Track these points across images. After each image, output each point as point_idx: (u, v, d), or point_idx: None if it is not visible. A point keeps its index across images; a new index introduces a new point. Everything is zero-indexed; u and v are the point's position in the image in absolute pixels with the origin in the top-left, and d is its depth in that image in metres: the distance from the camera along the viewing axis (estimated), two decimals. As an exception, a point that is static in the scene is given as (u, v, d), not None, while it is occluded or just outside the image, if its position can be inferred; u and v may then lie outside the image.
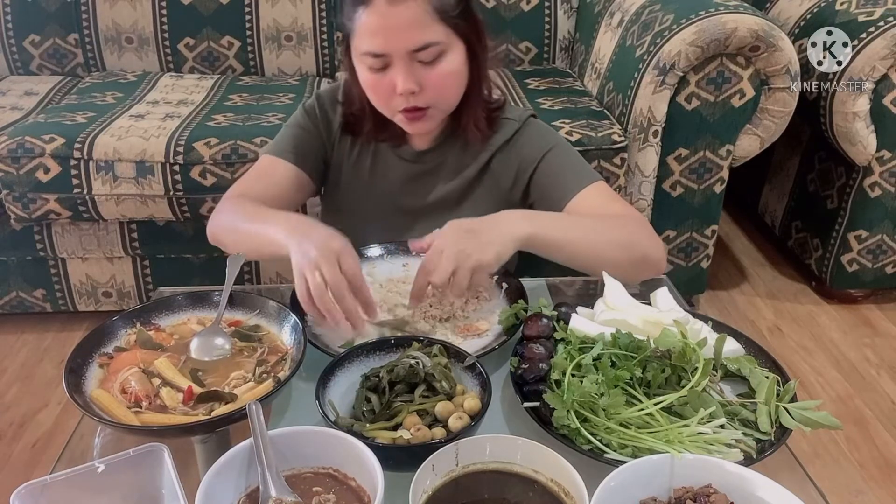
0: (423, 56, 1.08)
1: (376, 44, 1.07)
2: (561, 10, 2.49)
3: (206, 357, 0.92)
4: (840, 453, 1.76)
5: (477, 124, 1.20)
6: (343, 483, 0.73)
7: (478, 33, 1.14)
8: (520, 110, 1.27)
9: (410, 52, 1.07)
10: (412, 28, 1.06)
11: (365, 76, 1.12)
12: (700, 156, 1.96)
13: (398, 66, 1.08)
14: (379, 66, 1.09)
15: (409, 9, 1.04)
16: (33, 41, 2.42)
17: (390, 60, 1.08)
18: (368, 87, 1.14)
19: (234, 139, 1.89)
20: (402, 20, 1.05)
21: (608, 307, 0.95)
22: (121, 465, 0.73)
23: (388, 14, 1.04)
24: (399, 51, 1.07)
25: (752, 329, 2.21)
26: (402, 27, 1.05)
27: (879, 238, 2.17)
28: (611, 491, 0.68)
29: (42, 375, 1.99)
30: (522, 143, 1.23)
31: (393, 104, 1.13)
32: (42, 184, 1.85)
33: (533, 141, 1.24)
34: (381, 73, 1.10)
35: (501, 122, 1.24)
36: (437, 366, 0.85)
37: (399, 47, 1.07)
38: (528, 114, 1.27)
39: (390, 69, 1.09)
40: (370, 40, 1.07)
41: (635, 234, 1.13)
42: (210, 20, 2.41)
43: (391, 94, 1.11)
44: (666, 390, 0.83)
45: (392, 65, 1.08)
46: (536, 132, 1.25)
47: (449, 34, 1.09)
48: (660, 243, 1.16)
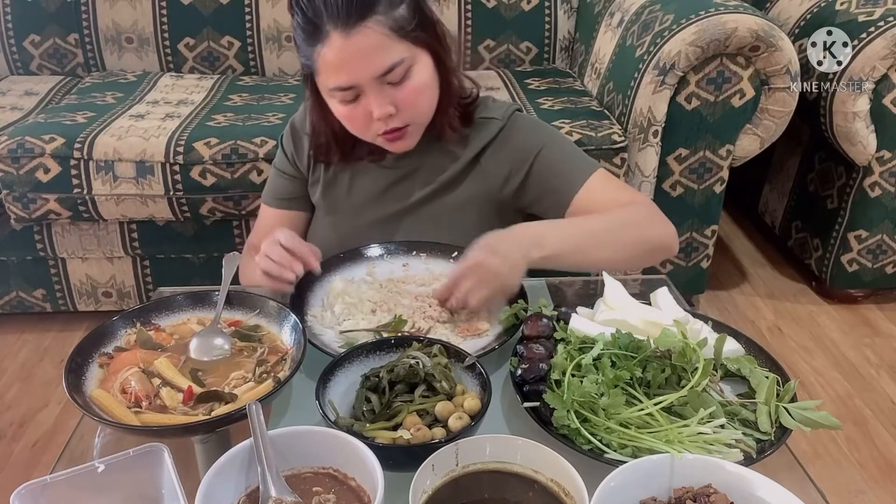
0: (391, 77, 1.06)
1: (342, 78, 1.05)
2: (561, 10, 2.49)
3: (206, 357, 0.92)
4: (840, 453, 1.76)
5: (451, 123, 1.19)
6: (343, 483, 0.73)
7: (438, 37, 1.12)
8: (503, 107, 1.24)
9: (378, 77, 1.05)
10: (374, 54, 1.04)
11: (338, 109, 1.11)
12: (700, 156, 1.96)
13: (370, 94, 1.06)
14: (350, 98, 1.08)
15: (366, 37, 1.02)
16: (33, 41, 2.42)
17: (360, 89, 1.06)
18: (344, 119, 1.12)
19: (234, 139, 1.89)
20: (362, 49, 1.03)
21: (608, 307, 0.95)
22: (121, 465, 0.73)
23: (345, 46, 1.02)
24: (366, 79, 1.05)
25: (752, 329, 2.21)
26: (363, 56, 1.03)
27: (879, 238, 2.17)
28: (611, 491, 0.68)
29: (42, 375, 1.99)
30: (512, 139, 1.22)
31: (371, 130, 1.12)
32: (42, 184, 1.85)
33: (524, 136, 1.21)
34: (354, 104, 1.09)
35: (483, 122, 1.22)
36: (437, 366, 0.85)
37: (365, 76, 1.05)
38: (512, 109, 1.24)
39: (362, 98, 1.07)
40: (335, 76, 1.06)
41: (646, 226, 1.14)
42: (210, 20, 2.41)
43: (368, 122, 1.10)
44: (666, 390, 0.83)
45: (363, 93, 1.07)
46: (526, 127, 1.23)
47: (411, 48, 1.07)
48: (669, 227, 1.16)
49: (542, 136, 1.22)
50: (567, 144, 1.25)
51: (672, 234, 1.16)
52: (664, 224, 1.16)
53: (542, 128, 1.26)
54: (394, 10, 1.04)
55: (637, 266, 1.10)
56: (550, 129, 1.27)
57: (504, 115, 1.22)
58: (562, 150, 1.22)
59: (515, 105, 1.26)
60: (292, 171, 1.29)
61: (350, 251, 1.16)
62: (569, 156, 1.21)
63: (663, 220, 1.16)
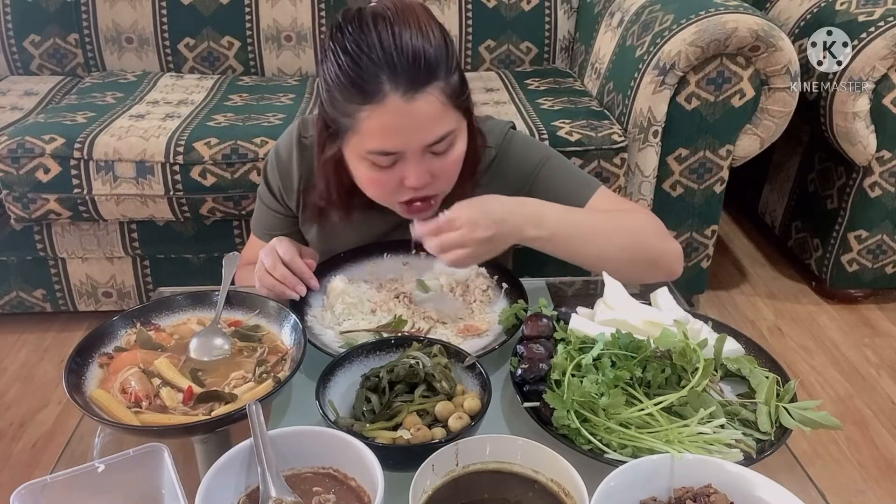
0: (437, 147, 0.99)
1: (390, 143, 0.97)
2: (561, 10, 2.49)
3: (206, 357, 0.92)
4: (840, 453, 1.76)
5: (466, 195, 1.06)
6: (343, 483, 0.73)
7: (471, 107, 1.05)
8: (495, 131, 1.17)
9: (425, 146, 0.98)
10: (431, 122, 0.96)
11: (366, 173, 1.02)
12: (700, 156, 1.96)
13: (410, 162, 0.98)
14: (388, 164, 0.99)
15: (428, 103, 0.94)
16: (33, 41, 2.42)
17: (401, 156, 0.99)
18: (369, 183, 1.04)
19: (234, 139, 1.88)
20: (421, 116, 0.95)
21: (608, 307, 0.95)
22: (121, 465, 0.73)
23: (404, 112, 0.94)
24: (414, 147, 0.97)
25: (752, 329, 2.21)
26: (421, 123, 0.96)
27: (879, 238, 2.17)
28: (611, 491, 0.68)
29: (42, 375, 1.99)
30: (508, 166, 1.16)
31: (396, 196, 1.04)
32: (42, 184, 1.85)
33: (521, 159, 1.16)
34: (387, 170, 1.00)
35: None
36: (437, 366, 0.85)
37: (416, 144, 0.97)
38: (505, 132, 1.18)
39: (398, 164, 0.99)
40: (381, 140, 0.97)
41: (650, 237, 1.10)
42: (210, 20, 2.41)
43: (397, 189, 1.02)
44: (666, 390, 0.83)
45: (402, 160, 0.99)
46: (522, 147, 1.18)
47: (459, 119, 1.01)
48: (674, 246, 1.11)
49: (539, 158, 1.17)
50: (565, 164, 1.19)
51: (676, 253, 1.11)
52: (669, 242, 1.11)
53: (537, 147, 1.21)
54: (450, 77, 0.97)
55: (635, 275, 1.03)
56: (546, 150, 1.21)
57: (498, 142, 1.17)
58: (560, 171, 1.17)
59: (507, 125, 1.19)
60: (281, 209, 1.22)
61: (350, 251, 1.16)
62: (569, 176, 1.17)
63: (669, 238, 1.12)
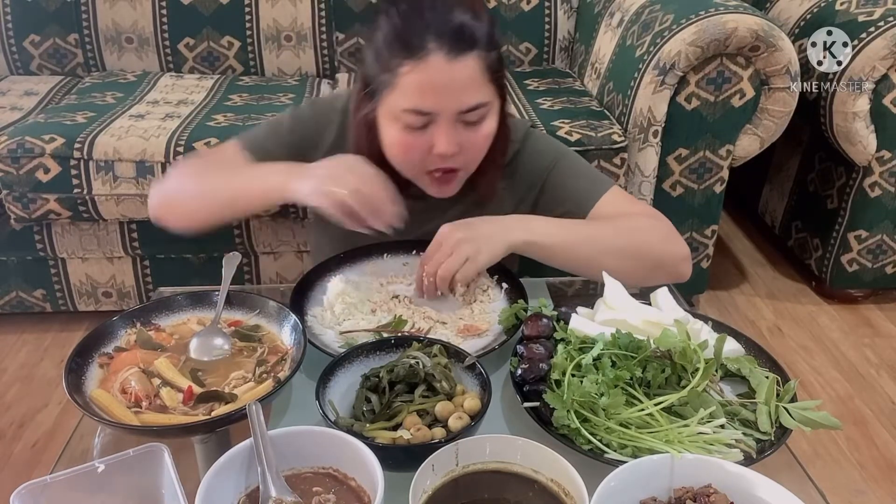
0: (470, 117, 1.01)
1: (426, 102, 0.99)
2: (561, 10, 2.49)
3: (206, 357, 0.92)
4: (840, 453, 1.76)
5: (492, 183, 1.13)
6: (343, 483, 0.73)
7: (506, 93, 1.08)
8: (517, 126, 1.19)
9: (460, 112, 1.00)
10: (468, 87, 0.99)
11: (397, 134, 1.03)
12: (700, 156, 1.96)
13: (441, 127, 1.00)
14: (419, 125, 1.01)
15: (467, 67, 0.97)
16: (33, 41, 2.42)
17: (433, 119, 1.00)
18: (398, 145, 1.05)
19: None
20: (459, 78, 0.98)
21: (608, 307, 0.95)
22: (121, 465, 0.73)
23: (444, 71, 0.97)
24: (449, 111, 0.99)
25: (752, 329, 2.21)
26: (457, 86, 0.98)
27: (879, 238, 2.17)
28: (611, 491, 0.68)
29: (42, 375, 1.99)
30: (526, 162, 1.19)
31: (422, 164, 1.06)
32: (42, 184, 1.85)
33: (537, 155, 1.19)
34: (417, 133, 1.02)
35: None
36: (437, 366, 0.85)
37: (451, 107, 0.99)
38: (526, 127, 1.21)
39: (429, 128, 1.01)
40: (419, 97, 0.99)
41: (654, 240, 1.09)
42: (210, 20, 2.41)
43: (425, 155, 1.04)
44: (666, 390, 0.83)
45: (433, 124, 1.01)
46: (540, 145, 1.20)
47: (493, 95, 1.03)
48: (681, 248, 1.10)
49: (553, 156, 1.19)
50: (579, 163, 1.21)
51: (683, 255, 1.10)
52: (676, 244, 1.11)
53: (554, 146, 1.22)
54: (490, 51, 1.01)
55: (641, 279, 1.04)
56: (563, 148, 1.23)
57: (519, 137, 1.19)
58: (574, 168, 1.19)
59: (528, 123, 1.22)
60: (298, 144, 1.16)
61: (350, 251, 1.16)
62: (582, 173, 1.18)
63: (677, 240, 1.11)
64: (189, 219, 1.10)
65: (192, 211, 1.11)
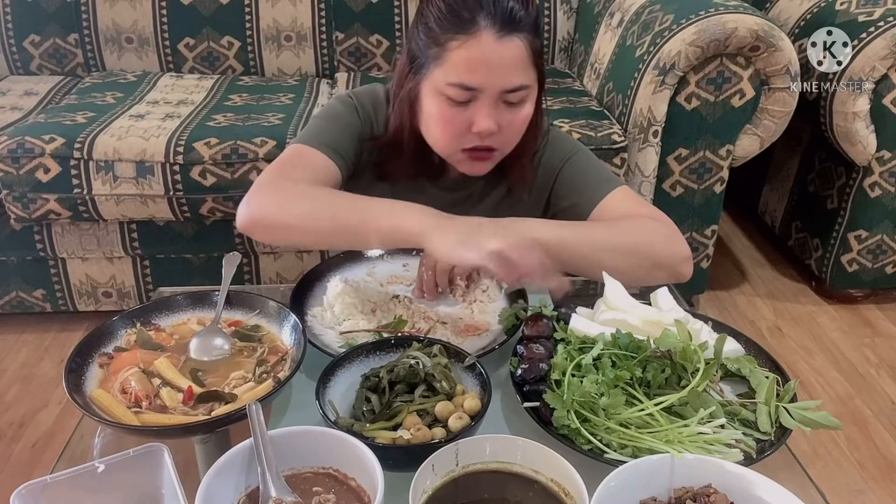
0: (512, 97, 1.04)
1: (474, 77, 1.01)
2: (561, 10, 2.49)
3: (206, 357, 0.92)
4: (840, 453, 1.76)
5: (524, 173, 1.16)
6: (343, 483, 0.73)
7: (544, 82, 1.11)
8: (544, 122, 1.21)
9: (503, 91, 1.02)
10: (514, 67, 1.02)
11: (439, 108, 1.05)
12: (700, 156, 1.96)
13: (484, 105, 1.03)
14: (462, 100, 1.03)
15: (515, 47, 1.00)
16: (33, 41, 2.42)
17: (476, 97, 1.03)
18: (439, 120, 1.06)
19: (234, 139, 1.88)
20: (506, 58, 1.01)
21: (608, 307, 0.95)
22: (121, 465, 0.73)
23: (494, 48, 0.99)
24: (493, 89, 1.02)
25: (752, 329, 2.21)
26: (504, 65, 1.01)
27: (879, 238, 2.17)
28: (611, 491, 0.68)
29: (42, 375, 1.99)
30: (545, 154, 1.21)
31: (460, 142, 1.07)
32: (42, 184, 1.85)
33: (554, 149, 1.21)
34: (459, 108, 1.04)
35: None
36: (437, 366, 0.85)
37: (495, 85, 1.02)
38: (548, 123, 1.22)
39: (472, 105, 1.04)
40: (466, 73, 1.01)
41: (655, 241, 1.09)
42: (210, 20, 2.41)
43: (464, 132, 1.06)
44: (666, 390, 0.83)
45: (476, 101, 1.03)
46: (556, 142, 1.22)
47: (534, 79, 1.06)
48: (679, 249, 1.10)
49: (570, 150, 1.21)
50: (591, 159, 1.22)
51: (684, 256, 1.10)
52: (677, 244, 1.11)
53: (569, 142, 1.24)
54: (536, 37, 1.04)
55: (641, 279, 1.05)
56: (577, 145, 1.24)
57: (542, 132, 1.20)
58: (586, 163, 1.20)
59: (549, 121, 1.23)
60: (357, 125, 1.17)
61: (350, 251, 1.16)
62: (592, 170, 1.20)
63: (679, 241, 1.11)
64: (287, 240, 1.08)
65: (295, 235, 1.08)
